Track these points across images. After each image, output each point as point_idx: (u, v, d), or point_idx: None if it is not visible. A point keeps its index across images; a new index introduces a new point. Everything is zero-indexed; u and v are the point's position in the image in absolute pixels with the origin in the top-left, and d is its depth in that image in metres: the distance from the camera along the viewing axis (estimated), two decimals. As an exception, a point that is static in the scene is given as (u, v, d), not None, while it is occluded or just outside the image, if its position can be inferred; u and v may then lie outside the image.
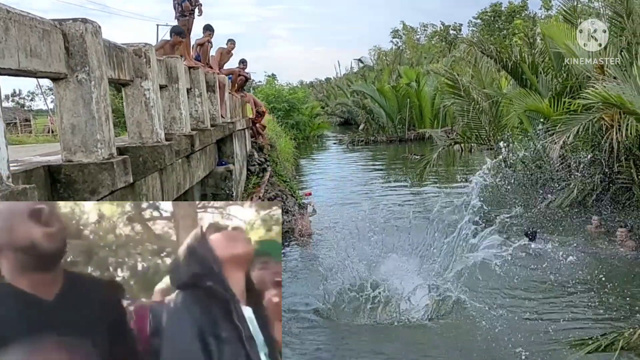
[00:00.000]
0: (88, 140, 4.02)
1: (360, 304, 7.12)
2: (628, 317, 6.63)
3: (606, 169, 12.60)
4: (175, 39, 7.89)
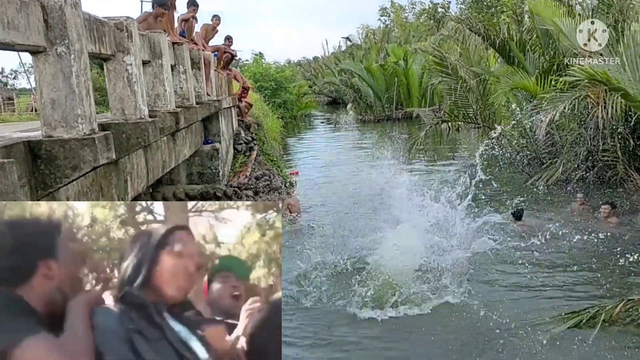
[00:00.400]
0: (68, 115, 3.95)
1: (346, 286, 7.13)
2: (610, 292, 6.72)
3: (591, 147, 12.68)
4: (158, 11, 7.71)
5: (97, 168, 4.37)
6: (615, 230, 9.05)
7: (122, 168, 5.52)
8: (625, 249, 8.07)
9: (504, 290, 6.87)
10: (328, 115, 41.49)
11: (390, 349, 5.64)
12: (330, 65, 58.22)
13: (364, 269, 7.36)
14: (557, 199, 11.02)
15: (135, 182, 6.02)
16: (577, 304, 6.29)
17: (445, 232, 9.14)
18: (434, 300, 6.59)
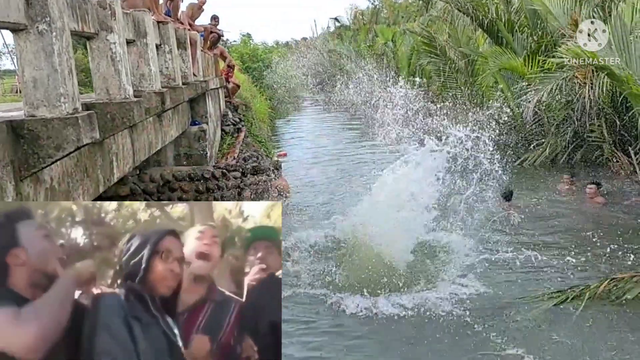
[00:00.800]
0: (51, 94, 3.88)
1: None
2: (595, 270, 6.81)
3: (578, 128, 12.76)
4: None
5: (81, 148, 4.32)
6: (601, 209, 9.14)
7: (107, 149, 5.46)
8: (610, 228, 8.17)
9: (493, 269, 6.93)
10: (316, 97, 41.26)
11: (374, 326, 5.69)
12: (319, 46, 57.77)
13: (348, 248, 7.41)
14: (544, 179, 11.10)
15: (121, 163, 5.97)
16: (563, 283, 6.37)
17: (436, 212, 9.22)
18: (422, 278, 6.64)
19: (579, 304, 5.66)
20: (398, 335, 5.47)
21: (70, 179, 4.48)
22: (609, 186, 10.49)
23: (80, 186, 4.70)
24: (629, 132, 11.73)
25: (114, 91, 5.34)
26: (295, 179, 12.91)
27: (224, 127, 13.70)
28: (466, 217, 8.79)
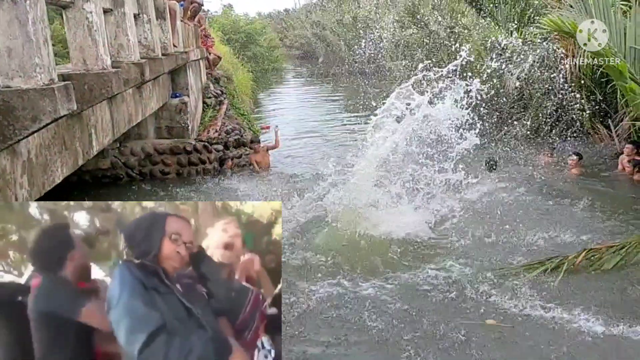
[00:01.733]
0: (26, 64, 3.80)
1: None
2: (575, 240, 6.90)
3: (559, 100, 12.83)
4: None
5: (58, 120, 4.25)
6: (580, 180, 9.26)
7: (85, 121, 5.38)
8: (590, 199, 8.29)
9: (473, 240, 7.00)
10: (300, 69, 40.93)
11: (352, 296, 5.74)
12: (302, 17, 57.09)
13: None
14: (526, 151, 11.18)
15: (100, 135, 5.89)
16: (543, 254, 6.46)
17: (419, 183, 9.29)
18: (402, 250, 6.69)
19: (557, 275, 5.75)
20: (375, 310, 5.50)
21: (48, 151, 4.41)
22: (589, 157, 10.62)
23: (58, 159, 4.63)
24: (608, 104, 11.84)
25: (91, 62, 5.24)
26: (277, 151, 12.87)
27: (205, 100, 13.55)
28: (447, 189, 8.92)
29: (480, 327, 5.05)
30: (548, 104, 13.00)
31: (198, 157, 10.94)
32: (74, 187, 9.50)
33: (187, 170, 10.89)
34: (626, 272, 5.77)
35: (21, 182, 3.96)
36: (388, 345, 4.86)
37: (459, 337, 4.89)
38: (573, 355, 4.59)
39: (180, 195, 9.55)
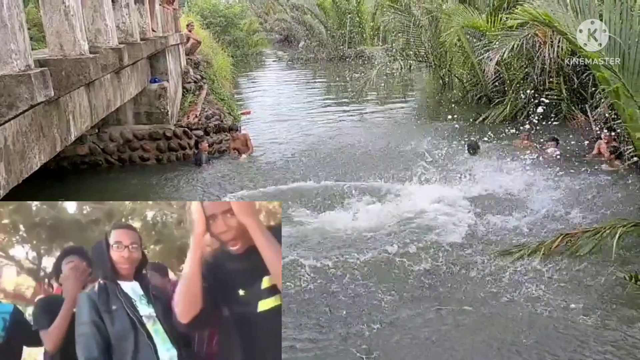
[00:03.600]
0: (1, 50, 3.74)
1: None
2: (550, 225, 7.03)
3: (538, 86, 12.97)
4: None
5: (35, 107, 4.19)
6: (559, 165, 9.39)
7: (63, 107, 5.32)
8: (567, 184, 8.43)
9: (453, 228, 7.09)
10: (280, 53, 40.63)
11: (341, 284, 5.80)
12: (282, 1, 56.54)
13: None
14: (504, 136, 11.30)
15: (79, 121, 5.83)
16: (516, 240, 6.59)
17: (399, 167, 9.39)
18: (375, 234, 6.76)
19: (535, 259, 5.85)
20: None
21: (25, 138, 4.37)
22: (567, 142, 10.77)
23: (36, 146, 4.59)
24: (585, 90, 12.01)
25: (68, 47, 5.17)
26: (258, 135, 12.88)
27: (185, 85, 13.42)
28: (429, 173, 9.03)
29: (457, 312, 5.15)
30: (527, 89, 13.16)
31: (178, 143, 10.88)
32: (51, 174, 9.40)
33: (166, 156, 10.82)
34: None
35: (-2, 170, 3.92)
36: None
37: (436, 321, 5.01)
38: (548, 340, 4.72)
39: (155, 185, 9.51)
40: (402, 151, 10.94)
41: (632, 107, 6.28)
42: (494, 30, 12.51)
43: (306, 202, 7.99)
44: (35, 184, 5.55)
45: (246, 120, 14.67)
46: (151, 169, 10.36)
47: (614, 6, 6.75)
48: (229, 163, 10.69)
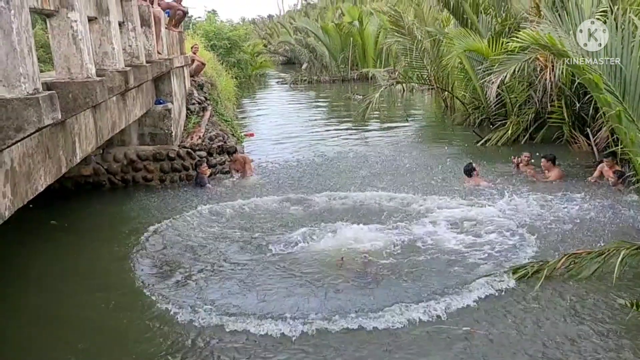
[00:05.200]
0: (10, 74, 3.79)
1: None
2: (552, 246, 7.02)
3: (539, 109, 13.07)
4: None
5: (42, 129, 4.24)
6: (560, 187, 9.41)
7: (69, 129, 5.37)
8: (569, 207, 8.44)
9: (454, 246, 7.10)
10: (283, 75, 41.00)
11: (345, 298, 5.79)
12: (286, 24, 57.23)
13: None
14: (505, 158, 11.35)
15: (84, 143, 5.88)
16: (517, 260, 6.58)
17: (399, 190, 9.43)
18: (380, 260, 6.73)
19: (539, 279, 5.83)
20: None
21: (32, 160, 4.41)
22: (569, 165, 10.82)
23: (42, 167, 4.63)
24: (587, 113, 12.08)
25: (76, 70, 5.24)
26: (260, 156, 12.98)
27: (189, 106, 13.54)
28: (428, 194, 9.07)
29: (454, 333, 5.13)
30: (529, 112, 13.25)
31: (181, 164, 10.93)
32: (55, 194, 9.44)
33: (169, 176, 10.87)
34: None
35: (4, 191, 3.95)
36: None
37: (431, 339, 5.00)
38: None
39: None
40: (404, 172, 11.02)
41: (634, 132, 6.33)
42: (495, 54, 12.63)
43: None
44: (38, 205, 5.58)
45: (249, 141, 14.77)
46: (154, 190, 10.40)
47: (616, 32, 6.86)
48: (228, 185, 10.73)
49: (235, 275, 6.56)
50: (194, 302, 5.85)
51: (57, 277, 6.79)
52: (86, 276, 6.78)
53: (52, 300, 6.19)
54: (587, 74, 6.20)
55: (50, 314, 5.89)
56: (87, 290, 6.35)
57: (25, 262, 7.17)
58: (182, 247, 7.51)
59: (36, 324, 5.71)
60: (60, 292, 6.40)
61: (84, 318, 5.75)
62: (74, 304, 6.10)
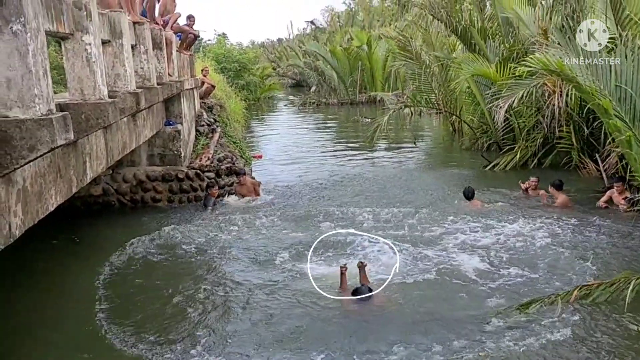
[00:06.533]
0: (25, 95, 3.85)
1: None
2: (564, 276, 6.91)
3: (548, 134, 13.06)
4: None
5: (54, 149, 4.29)
6: (570, 215, 9.31)
7: (80, 149, 5.42)
8: (578, 234, 8.35)
9: (463, 274, 6.98)
10: (292, 98, 41.27)
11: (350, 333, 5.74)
12: (295, 47, 57.88)
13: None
14: (513, 183, 11.30)
15: (95, 163, 5.93)
16: (533, 290, 6.44)
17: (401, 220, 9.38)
18: (391, 290, 6.64)
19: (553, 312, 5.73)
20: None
21: (43, 179, 4.45)
22: (578, 191, 10.74)
23: (53, 187, 4.66)
24: (596, 139, 12.05)
25: (89, 92, 5.31)
26: (268, 178, 13.02)
27: (198, 128, 13.64)
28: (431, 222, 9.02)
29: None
30: (537, 136, 13.24)
31: (190, 185, 10.97)
32: (64, 213, 9.47)
33: (178, 197, 10.90)
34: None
35: (15, 210, 3.98)
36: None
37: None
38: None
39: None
40: (412, 196, 11.01)
41: (644, 158, 6.32)
42: (503, 79, 12.68)
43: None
44: (47, 224, 5.61)
45: (257, 163, 14.83)
46: (162, 210, 10.43)
47: (625, 58, 6.89)
48: (236, 207, 10.74)
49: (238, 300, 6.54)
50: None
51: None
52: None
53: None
54: (596, 100, 6.21)
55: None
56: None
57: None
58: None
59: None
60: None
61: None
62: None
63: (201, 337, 5.62)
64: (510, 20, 14.60)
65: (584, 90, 6.54)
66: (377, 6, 61.51)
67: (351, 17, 59.01)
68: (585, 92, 6.56)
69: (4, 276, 7.11)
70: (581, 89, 6.66)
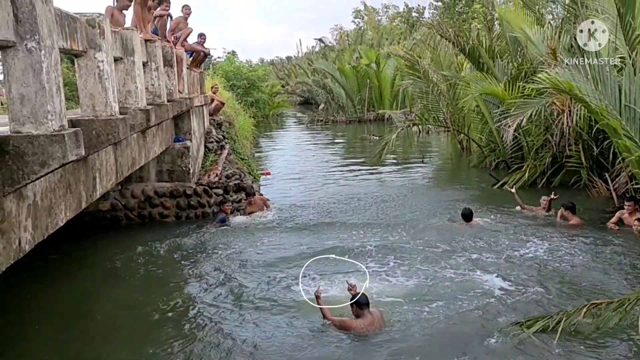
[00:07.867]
0: (38, 111, 3.90)
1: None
2: (571, 295, 6.84)
3: (557, 152, 13.02)
4: (123, 2, 7.53)
5: (65, 164, 4.33)
6: (580, 234, 9.24)
7: (90, 165, 5.47)
8: (588, 253, 8.27)
9: (467, 295, 6.90)
10: (300, 115, 41.47)
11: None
12: (304, 65, 58.28)
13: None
14: (523, 202, 11.24)
15: (104, 179, 5.97)
16: (539, 308, 6.38)
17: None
18: (397, 309, 6.58)
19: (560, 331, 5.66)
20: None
21: (53, 194, 4.48)
22: (587, 211, 10.65)
23: (62, 202, 4.70)
24: (605, 158, 11.99)
25: (100, 108, 5.37)
26: (277, 194, 13.04)
27: (207, 144, 13.72)
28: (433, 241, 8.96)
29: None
30: (546, 155, 13.19)
31: (197, 201, 11.01)
32: (73, 228, 9.50)
33: (185, 213, 10.93)
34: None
35: (25, 225, 4.01)
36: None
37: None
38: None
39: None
40: (419, 214, 10.98)
41: (653, 178, 6.27)
42: (512, 98, 12.69)
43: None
44: (56, 239, 5.64)
45: (265, 180, 14.87)
46: (170, 226, 10.45)
47: (634, 77, 6.89)
48: (246, 222, 10.75)
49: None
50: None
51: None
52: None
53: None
54: (605, 119, 6.21)
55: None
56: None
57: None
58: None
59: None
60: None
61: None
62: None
63: (195, 354, 5.60)
64: (518, 40, 14.66)
65: (594, 110, 6.54)
66: (386, 25, 62.02)
67: (360, 36, 59.48)
68: (594, 111, 6.57)
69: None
70: (591, 109, 6.66)
